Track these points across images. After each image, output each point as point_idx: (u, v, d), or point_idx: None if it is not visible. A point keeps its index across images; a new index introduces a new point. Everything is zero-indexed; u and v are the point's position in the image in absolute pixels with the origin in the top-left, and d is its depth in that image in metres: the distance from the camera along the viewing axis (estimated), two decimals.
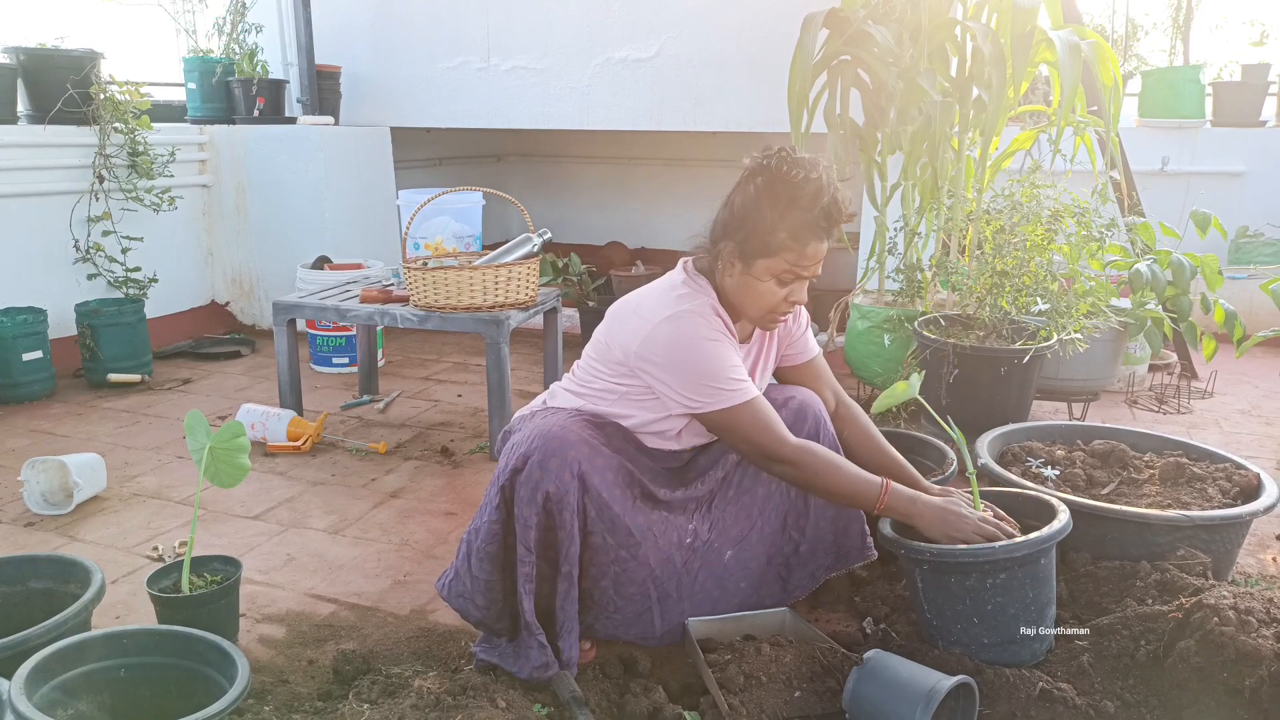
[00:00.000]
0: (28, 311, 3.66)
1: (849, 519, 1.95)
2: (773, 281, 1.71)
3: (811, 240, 1.67)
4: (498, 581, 1.73)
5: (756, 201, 1.69)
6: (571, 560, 1.69)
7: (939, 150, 3.18)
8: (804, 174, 1.66)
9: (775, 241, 1.67)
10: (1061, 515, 1.78)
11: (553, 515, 1.66)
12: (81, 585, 1.71)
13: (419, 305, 2.93)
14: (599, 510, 1.70)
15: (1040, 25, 3.13)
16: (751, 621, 1.88)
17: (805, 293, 1.75)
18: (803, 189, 1.65)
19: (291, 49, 4.91)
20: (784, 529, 1.92)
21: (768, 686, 1.67)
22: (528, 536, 1.66)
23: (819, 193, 1.65)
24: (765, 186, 1.68)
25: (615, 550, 1.73)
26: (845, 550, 1.96)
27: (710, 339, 1.71)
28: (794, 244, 1.67)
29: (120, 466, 2.92)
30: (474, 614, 1.76)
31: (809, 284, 1.77)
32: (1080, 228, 3.02)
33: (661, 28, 4.34)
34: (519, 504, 1.67)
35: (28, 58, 3.90)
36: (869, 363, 3.39)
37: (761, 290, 1.72)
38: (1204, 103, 4.73)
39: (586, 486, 1.67)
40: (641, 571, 1.76)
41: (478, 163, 6.45)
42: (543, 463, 1.65)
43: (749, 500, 1.89)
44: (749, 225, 1.69)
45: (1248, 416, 3.43)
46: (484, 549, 1.72)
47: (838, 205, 1.67)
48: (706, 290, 1.78)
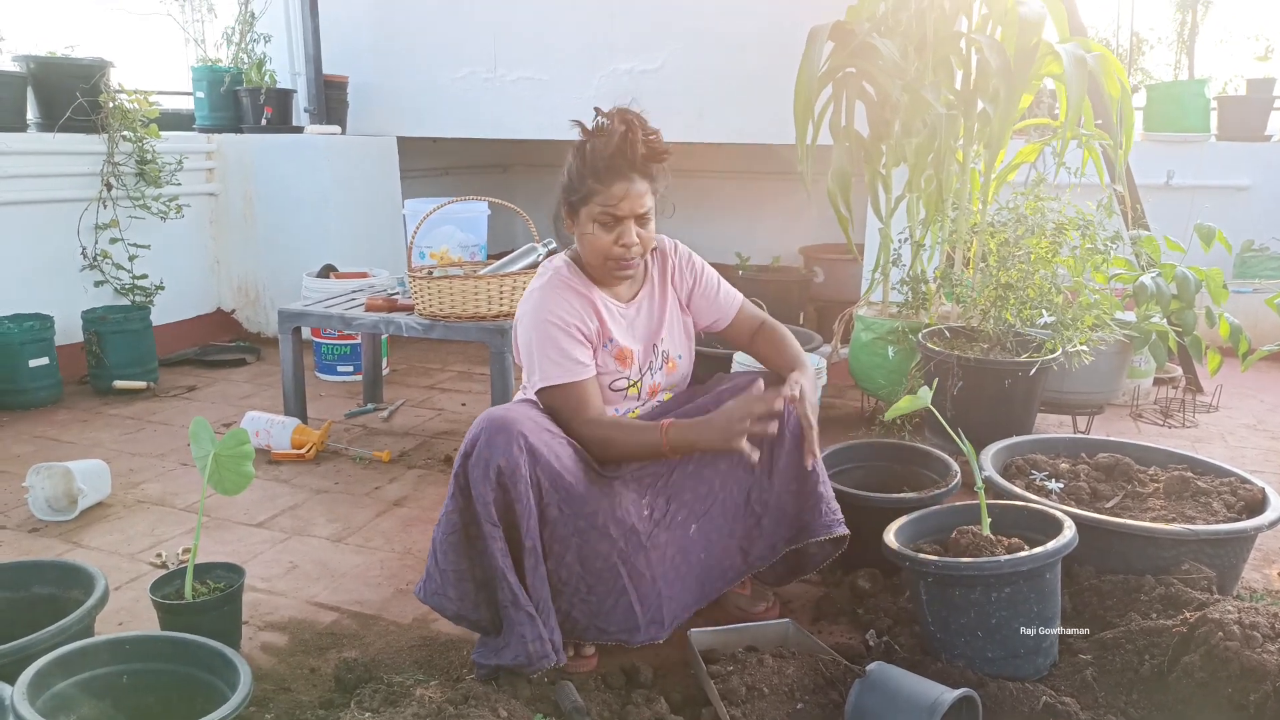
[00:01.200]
0: (34, 318, 3.68)
1: (811, 494, 1.93)
2: (596, 226, 1.85)
3: (615, 180, 1.81)
4: (466, 570, 1.75)
5: (572, 159, 1.88)
6: (533, 534, 1.71)
7: (944, 163, 3.18)
8: (606, 125, 1.83)
9: (586, 189, 1.84)
10: (1067, 529, 1.77)
11: (507, 490, 1.69)
12: (85, 591, 1.71)
13: (424, 314, 2.94)
14: (552, 481, 1.72)
15: (1045, 39, 3.14)
16: (754, 633, 1.88)
17: (633, 234, 1.85)
18: (600, 136, 1.83)
19: (299, 59, 4.94)
20: (747, 503, 1.92)
21: (770, 698, 1.67)
22: (490, 514, 1.69)
23: (611, 137, 1.81)
24: (578, 145, 1.87)
25: (574, 520, 1.74)
26: (806, 524, 1.94)
27: (544, 320, 1.86)
28: (600, 186, 1.82)
29: (125, 473, 2.93)
30: (450, 608, 1.77)
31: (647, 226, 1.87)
32: (1085, 241, 3.02)
33: (667, 40, 4.36)
34: (474, 485, 1.70)
35: (38, 66, 3.93)
36: (873, 374, 3.38)
37: (591, 237, 1.86)
38: (1209, 117, 4.73)
39: (536, 458, 1.71)
40: (605, 544, 1.75)
41: (483, 172, 6.47)
42: (490, 440, 1.69)
43: (710, 474, 1.88)
44: (570, 180, 1.88)
45: (1253, 430, 3.42)
46: (446, 539, 1.75)
47: (629, 142, 1.80)
48: (562, 267, 1.94)
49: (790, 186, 5.49)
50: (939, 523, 1.96)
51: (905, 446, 2.50)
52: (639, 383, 1.98)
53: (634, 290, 2.01)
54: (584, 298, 1.91)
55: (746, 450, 1.72)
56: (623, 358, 1.95)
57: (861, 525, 2.03)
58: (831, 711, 1.66)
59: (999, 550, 1.75)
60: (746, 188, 5.90)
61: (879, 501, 2.17)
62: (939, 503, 2.15)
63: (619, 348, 1.94)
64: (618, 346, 1.94)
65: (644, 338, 2.00)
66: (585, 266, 1.95)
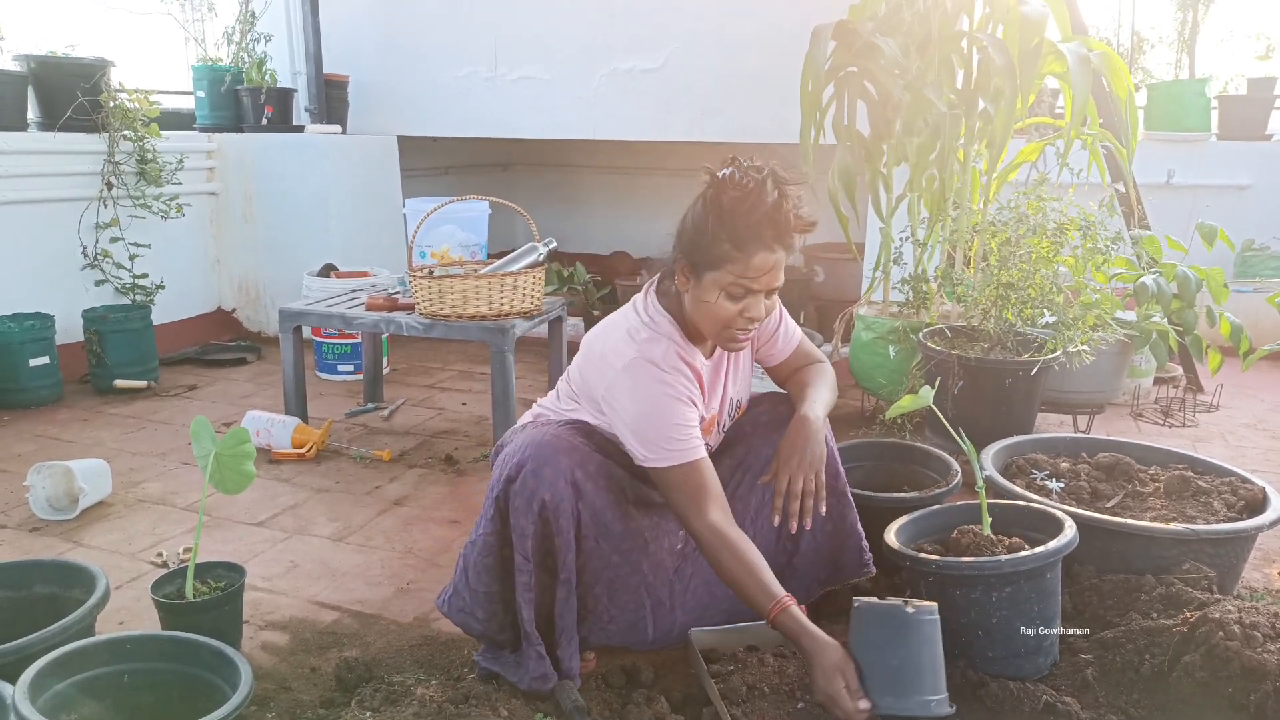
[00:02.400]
0: (35, 317, 3.68)
1: (847, 534, 1.94)
2: (722, 296, 1.64)
3: (757, 250, 1.59)
4: (496, 593, 1.73)
5: (703, 212, 1.64)
6: (570, 568, 1.69)
7: (945, 162, 3.18)
8: (750, 182, 1.60)
9: (719, 252, 1.61)
10: (1067, 529, 1.77)
11: (549, 523, 1.66)
12: (86, 590, 1.71)
13: (424, 313, 2.94)
14: (593, 516, 1.70)
15: (1047, 38, 3.14)
16: (755, 632, 1.88)
17: (762, 308, 1.66)
18: (745, 198, 1.59)
19: (300, 58, 4.94)
20: (778, 540, 1.91)
21: (770, 698, 1.67)
22: (525, 545, 1.66)
23: (761, 201, 1.58)
24: (712, 197, 1.63)
25: (609, 555, 1.73)
26: (841, 565, 1.95)
27: (663, 393, 1.66)
28: (738, 254, 1.60)
29: (125, 472, 2.93)
30: (475, 628, 1.76)
31: (773, 298, 1.70)
32: (1086, 240, 3.02)
33: (668, 39, 4.36)
34: (514, 514, 1.66)
35: (38, 65, 3.94)
36: (873, 374, 3.38)
37: (713, 306, 1.65)
38: (1210, 116, 4.73)
39: (580, 493, 1.67)
40: (635, 578, 1.76)
41: (484, 172, 6.47)
42: (537, 471, 1.64)
43: (741, 509, 1.88)
44: (696, 237, 1.65)
45: (1254, 430, 3.42)
46: (480, 561, 1.72)
47: (782, 213, 1.59)
48: (665, 324, 1.74)
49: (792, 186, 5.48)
50: (940, 522, 1.96)
51: (906, 446, 2.50)
52: (712, 445, 1.87)
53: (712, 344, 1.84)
54: (690, 366, 1.73)
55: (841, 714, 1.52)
56: (707, 428, 1.80)
57: (863, 525, 2.03)
58: None
59: (999, 550, 1.75)
60: None
61: (880, 501, 2.17)
62: (940, 502, 2.15)
63: (707, 421, 1.80)
64: (706, 421, 1.80)
65: (719, 393, 1.87)
66: (685, 323, 1.75)
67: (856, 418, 3.50)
